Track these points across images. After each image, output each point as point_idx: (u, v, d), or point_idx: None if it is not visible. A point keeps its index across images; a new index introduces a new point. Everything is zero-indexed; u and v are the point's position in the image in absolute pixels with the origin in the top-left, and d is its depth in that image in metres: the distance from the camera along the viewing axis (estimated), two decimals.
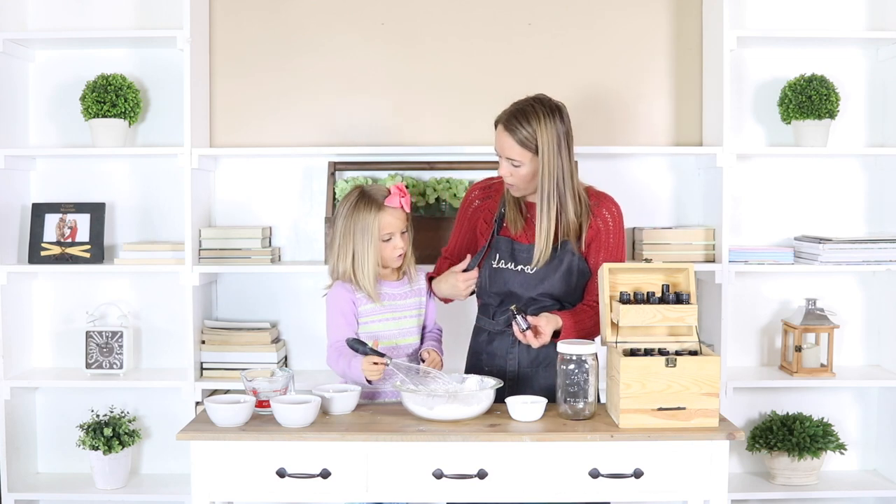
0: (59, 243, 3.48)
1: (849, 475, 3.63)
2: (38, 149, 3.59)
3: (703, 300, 3.55)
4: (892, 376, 3.53)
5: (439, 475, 2.45)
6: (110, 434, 3.43)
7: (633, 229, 3.59)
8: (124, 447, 3.47)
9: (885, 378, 3.52)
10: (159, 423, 3.65)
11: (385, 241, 2.79)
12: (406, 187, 3.44)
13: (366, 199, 2.79)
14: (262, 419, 2.58)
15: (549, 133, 2.70)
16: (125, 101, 3.44)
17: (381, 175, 3.53)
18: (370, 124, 3.62)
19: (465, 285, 2.83)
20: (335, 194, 3.47)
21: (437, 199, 3.49)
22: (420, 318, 2.91)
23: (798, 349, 3.46)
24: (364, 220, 2.76)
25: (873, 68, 3.65)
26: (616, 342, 2.60)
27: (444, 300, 2.94)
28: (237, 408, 2.51)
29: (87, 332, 3.51)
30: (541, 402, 2.57)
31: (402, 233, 2.82)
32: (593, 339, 2.77)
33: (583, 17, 3.62)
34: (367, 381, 2.73)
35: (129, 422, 3.54)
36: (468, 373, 2.82)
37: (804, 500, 3.54)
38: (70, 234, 3.50)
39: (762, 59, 3.64)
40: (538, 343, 2.70)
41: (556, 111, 2.74)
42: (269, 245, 3.59)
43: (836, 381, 3.47)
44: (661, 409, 2.46)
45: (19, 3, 3.54)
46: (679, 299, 2.60)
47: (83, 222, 3.50)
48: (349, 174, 3.57)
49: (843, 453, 3.53)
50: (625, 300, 2.59)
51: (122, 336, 3.50)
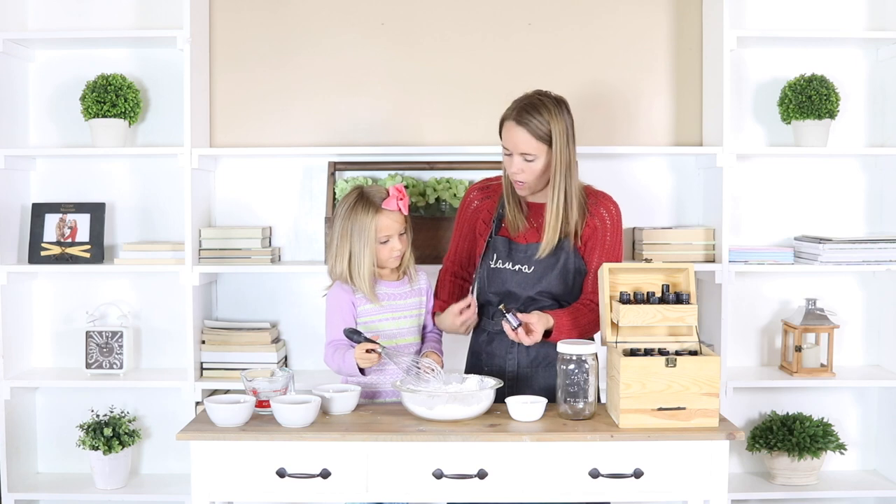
0: (59, 243, 3.49)
1: (849, 475, 3.63)
2: (38, 149, 3.59)
3: (703, 300, 3.55)
4: (892, 376, 3.53)
5: (439, 475, 2.45)
6: (110, 434, 3.43)
7: (633, 229, 3.59)
8: (124, 447, 3.47)
9: (885, 378, 3.52)
10: (159, 423, 3.65)
11: (382, 243, 2.79)
12: (406, 187, 3.44)
13: (363, 200, 2.79)
14: (262, 419, 2.58)
15: (560, 124, 2.73)
16: (125, 101, 3.44)
17: (381, 175, 3.53)
18: (370, 124, 3.62)
19: (460, 321, 2.81)
20: (335, 194, 3.47)
21: (437, 199, 3.49)
22: (420, 317, 2.91)
23: (798, 349, 3.46)
24: (361, 221, 2.76)
25: (873, 68, 3.65)
26: (616, 342, 2.60)
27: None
28: (237, 408, 2.51)
29: (87, 332, 3.51)
30: (541, 402, 2.57)
31: (399, 235, 2.82)
32: (591, 337, 2.77)
33: (583, 17, 3.62)
34: (361, 371, 2.73)
35: (129, 422, 3.54)
36: (468, 373, 2.82)
37: (804, 500, 3.54)
38: (70, 234, 3.50)
39: (762, 59, 3.64)
40: (529, 341, 2.69)
41: (562, 103, 2.78)
42: (269, 245, 3.59)
43: (836, 381, 3.47)
44: (661, 409, 2.46)
45: (19, 3, 3.54)
46: (679, 299, 2.60)
47: (83, 222, 3.50)
48: (349, 174, 3.57)
49: (843, 453, 3.53)
50: (625, 300, 2.59)
51: (122, 336, 3.50)
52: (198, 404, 3.40)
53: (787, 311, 3.64)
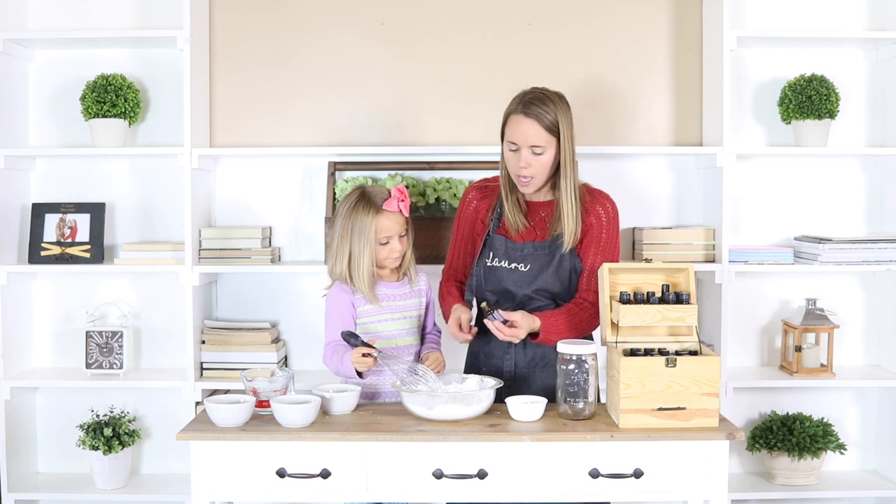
0: (59, 243, 3.49)
1: (849, 475, 3.63)
2: (38, 149, 3.59)
3: (703, 300, 3.55)
4: (892, 376, 3.53)
5: (439, 475, 2.45)
6: (110, 434, 3.43)
7: (633, 229, 3.59)
8: (124, 447, 3.47)
9: (885, 378, 3.52)
10: (159, 423, 3.65)
11: (382, 244, 2.79)
12: (406, 187, 3.44)
13: (364, 200, 2.78)
14: (262, 419, 2.58)
15: (566, 116, 2.76)
16: (125, 101, 3.44)
17: (381, 175, 3.53)
18: (370, 124, 3.62)
19: (462, 337, 2.79)
20: (335, 194, 3.47)
21: (437, 199, 3.49)
22: (420, 318, 2.91)
23: (798, 349, 3.46)
24: (361, 222, 2.76)
25: (873, 68, 3.65)
26: (616, 342, 2.60)
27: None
28: (237, 408, 2.51)
29: (87, 332, 3.51)
30: (541, 402, 2.57)
31: (400, 236, 2.81)
32: (588, 335, 2.77)
33: (583, 17, 3.62)
34: (358, 373, 2.73)
35: (129, 422, 3.54)
36: (467, 373, 2.82)
37: (804, 500, 3.54)
38: (70, 234, 3.50)
39: (762, 59, 3.64)
40: (509, 336, 2.67)
41: (562, 96, 2.81)
42: (269, 245, 3.59)
43: (836, 381, 3.47)
44: (661, 409, 2.46)
45: (19, 3, 3.54)
46: (679, 299, 2.60)
47: (83, 222, 3.50)
48: (349, 174, 3.57)
49: (843, 453, 3.53)
50: (625, 300, 2.59)
51: (122, 336, 3.50)
52: (198, 404, 3.40)
53: (787, 311, 3.64)
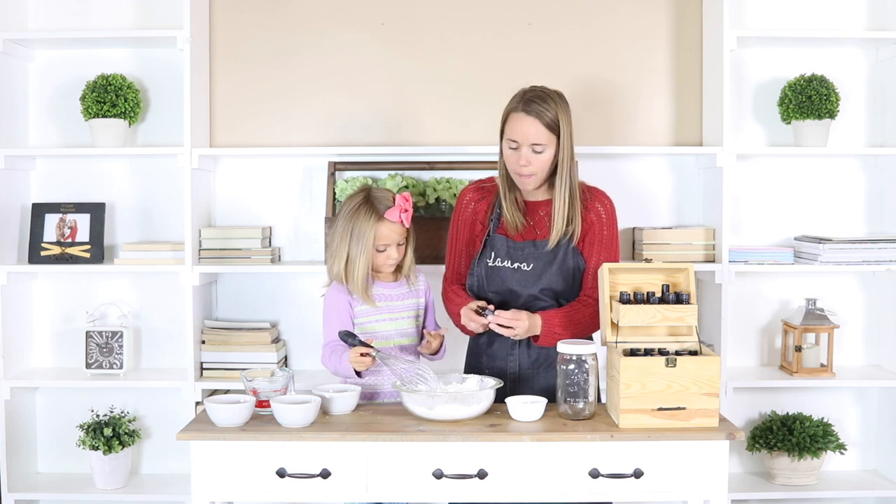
0: (59, 243, 3.48)
1: (849, 475, 3.63)
2: (38, 149, 3.59)
3: (703, 300, 3.55)
4: (892, 376, 3.53)
5: (439, 475, 2.45)
6: (110, 434, 3.43)
7: (633, 229, 3.59)
8: (124, 447, 3.47)
9: (885, 378, 3.52)
10: (159, 423, 3.65)
11: (379, 251, 2.79)
12: (406, 187, 3.44)
13: (368, 205, 2.78)
14: (262, 419, 2.58)
15: (566, 115, 2.77)
16: (125, 101, 3.44)
17: (381, 175, 3.53)
18: (370, 124, 3.62)
19: (474, 325, 2.78)
20: (335, 194, 3.47)
21: (437, 199, 3.49)
22: (418, 318, 2.90)
23: (798, 349, 3.46)
24: (361, 227, 2.76)
25: (873, 68, 3.65)
26: (616, 342, 2.60)
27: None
28: (237, 408, 2.51)
29: (87, 332, 3.51)
30: (541, 402, 2.57)
31: (398, 245, 2.81)
32: (590, 335, 2.77)
33: (583, 17, 3.62)
34: (357, 373, 2.73)
35: (129, 422, 3.54)
36: (467, 374, 2.82)
37: (804, 500, 3.54)
38: (70, 234, 3.50)
39: (762, 59, 3.64)
40: (511, 332, 2.69)
41: (561, 95, 2.81)
42: (269, 245, 3.59)
43: (836, 381, 3.47)
44: (661, 409, 2.46)
45: (19, 3, 3.54)
46: (679, 299, 2.59)
47: (83, 222, 3.50)
48: (349, 174, 3.57)
49: (843, 453, 3.53)
50: (625, 300, 2.59)
51: (122, 336, 3.50)
52: (198, 404, 3.40)
53: (787, 311, 3.64)
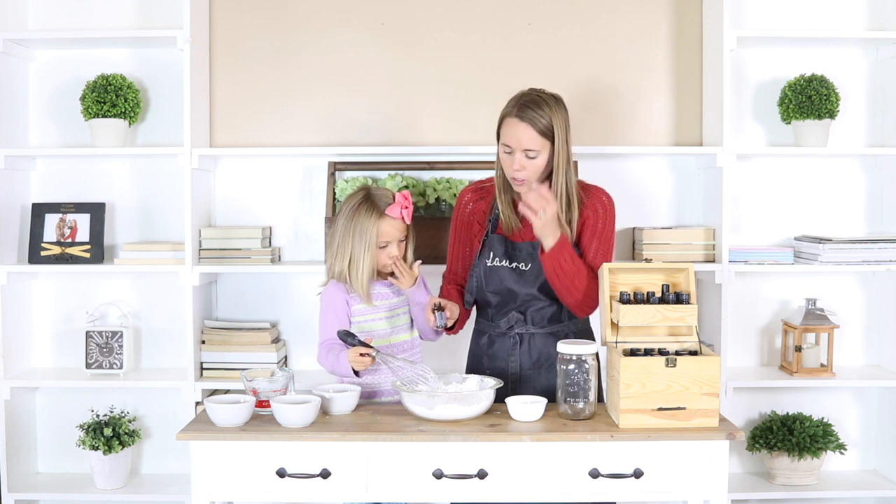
0: (59, 243, 3.48)
1: (849, 475, 3.63)
2: (38, 149, 3.59)
3: (703, 300, 3.55)
4: (892, 376, 3.53)
5: (439, 475, 2.45)
6: (110, 434, 3.43)
7: (633, 229, 3.59)
8: (124, 447, 3.47)
9: (885, 378, 3.51)
10: (159, 423, 3.65)
11: (380, 247, 2.79)
12: (406, 187, 3.44)
13: (368, 203, 2.79)
14: (262, 419, 2.58)
15: (560, 120, 2.75)
16: (125, 101, 3.44)
17: (381, 175, 3.53)
18: (370, 124, 3.62)
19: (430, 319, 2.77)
20: (335, 194, 3.47)
21: (437, 199, 3.49)
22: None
23: (798, 349, 3.46)
24: (363, 224, 2.77)
25: (873, 68, 3.65)
26: (616, 342, 2.60)
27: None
28: (237, 408, 2.51)
29: (87, 332, 3.51)
30: (541, 402, 2.57)
31: (399, 242, 2.82)
32: (577, 293, 2.74)
33: (583, 17, 3.62)
34: (355, 372, 2.73)
35: (129, 422, 3.54)
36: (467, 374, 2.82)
37: (804, 500, 3.54)
38: (70, 234, 3.50)
39: (762, 59, 3.64)
40: (538, 213, 2.67)
41: (560, 99, 2.80)
42: (269, 245, 3.59)
43: (836, 381, 3.47)
44: (661, 409, 2.46)
45: (19, 3, 3.54)
46: (679, 299, 2.60)
47: (83, 222, 3.50)
48: (349, 174, 3.57)
49: (843, 453, 3.53)
50: (625, 300, 2.59)
51: (122, 336, 3.50)
52: (198, 404, 3.40)
53: (787, 311, 3.64)
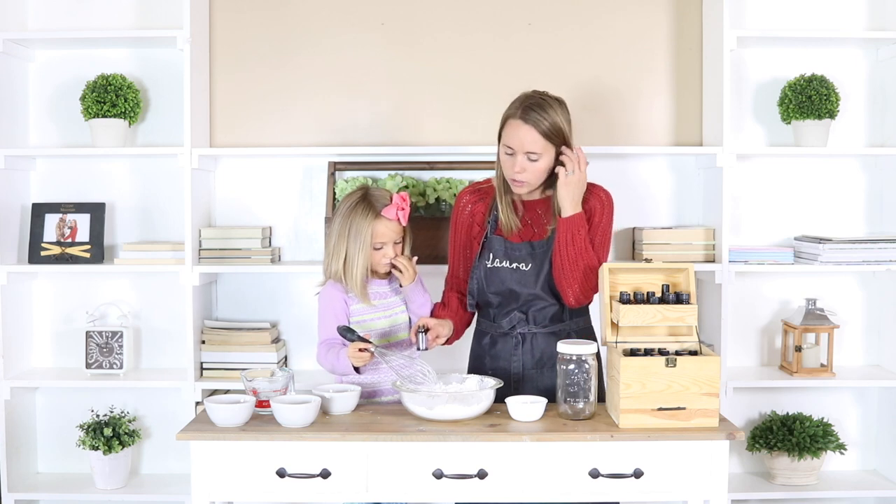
0: (59, 243, 3.48)
1: (849, 475, 3.63)
2: (38, 149, 3.59)
3: (703, 300, 3.55)
4: (892, 376, 3.53)
5: (439, 475, 2.45)
6: (110, 434, 3.43)
7: (633, 229, 3.59)
8: (124, 447, 3.47)
9: (885, 378, 3.52)
10: (159, 423, 3.65)
11: (376, 248, 2.79)
12: (406, 187, 3.44)
13: (364, 203, 2.79)
14: (262, 419, 2.58)
15: (565, 123, 2.76)
16: (125, 101, 3.44)
17: (381, 175, 3.53)
18: (370, 124, 3.62)
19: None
20: (335, 194, 3.47)
21: (437, 199, 3.49)
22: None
23: (798, 349, 3.46)
24: (359, 225, 2.77)
25: (873, 68, 3.65)
26: (616, 342, 2.60)
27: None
28: (237, 408, 2.52)
29: (87, 332, 3.51)
30: (541, 402, 2.57)
31: (394, 243, 2.82)
32: (581, 268, 2.73)
33: (583, 17, 3.62)
34: (355, 369, 2.73)
35: (129, 422, 3.54)
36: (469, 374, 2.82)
37: (804, 500, 3.54)
38: (70, 234, 3.50)
39: (762, 59, 3.64)
40: (570, 171, 2.74)
41: (563, 103, 2.80)
42: (269, 245, 3.59)
43: (836, 381, 3.47)
44: (661, 409, 2.46)
45: (19, 3, 3.54)
46: (679, 299, 2.60)
47: (83, 222, 3.50)
48: (349, 174, 3.57)
49: (843, 453, 3.53)
50: (625, 300, 2.59)
51: (122, 336, 3.50)
52: (198, 404, 3.40)
53: (787, 311, 3.64)
